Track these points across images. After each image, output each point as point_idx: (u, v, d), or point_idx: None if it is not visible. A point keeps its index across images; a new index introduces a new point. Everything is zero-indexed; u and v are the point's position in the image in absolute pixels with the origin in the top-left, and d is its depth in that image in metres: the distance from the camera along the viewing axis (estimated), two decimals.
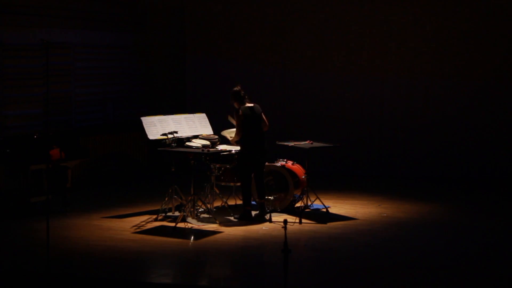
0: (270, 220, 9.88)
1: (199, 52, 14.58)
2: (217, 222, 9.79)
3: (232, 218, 10.10)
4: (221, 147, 10.30)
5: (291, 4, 14.05)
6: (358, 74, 13.75)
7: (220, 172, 10.28)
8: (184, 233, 9.40)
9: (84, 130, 11.99)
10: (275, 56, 14.19)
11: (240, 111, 9.96)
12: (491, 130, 13.12)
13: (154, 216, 10.15)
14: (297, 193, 10.45)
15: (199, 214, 10.06)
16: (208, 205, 10.15)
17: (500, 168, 13.03)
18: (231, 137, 10.38)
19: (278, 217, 10.00)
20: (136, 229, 9.58)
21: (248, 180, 10.07)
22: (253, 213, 10.10)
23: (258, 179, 10.13)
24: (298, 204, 10.50)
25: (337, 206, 10.88)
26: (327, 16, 13.86)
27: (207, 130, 10.63)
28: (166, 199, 10.19)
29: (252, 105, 10.07)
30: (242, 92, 10.04)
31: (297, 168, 10.54)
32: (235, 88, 10.06)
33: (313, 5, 13.92)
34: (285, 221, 6.71)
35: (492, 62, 13.07)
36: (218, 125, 10.78)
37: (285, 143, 10.63)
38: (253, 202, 10.28)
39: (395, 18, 13.48)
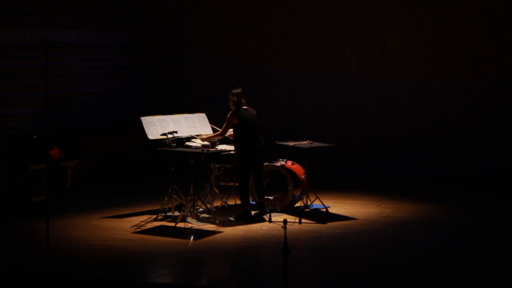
0: (270, 220, 9.88)
1: (199, 52, 14.58)
2: (217, 222, 9.79)
3: (231, 218, 10.11)
4: (221, 147, 10.30)
5: (292, 5, 14.04)
6: (358, 74, 13.74)
7: (220, 172, 10.28)
8: (184, 233, 9.40)
9: (84, 130, 11.99)
10: (275, 56, 14.19)
11: (237, 115, 9.94)
12: (491, 130, 13.11)
13: (154, 216, 10.15)
14: (297, 193, 10.45)
15: (199, 214, 10.06)
16: (208, 205, 10.15)
17: (500, 168, 13.02)
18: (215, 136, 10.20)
19: (278, 217, 9.99)
20: (136, 229, 9.58)
21: (246, 181, 10.06)
22: (253, 212, 10.11)
23: (256, 179, 10.13)
24: (298, 204, 10.50)
25: (337, 206, 10.87)
26: (327, 17, 13.85)
27: (207, 130, 10.62)
28: (166, 199, 10.18)
29: (246, 107, 10.07)
30: (243, 100, 10.03)
31: (297, 168, 10.54)
32: (238, 91, 10.03)
33: (313, 6, 13.91)
34: (285, 221, 6.72)
35: (492, 62, 13.06)
36: (218, 125, 10.78)
37: (285, 143, 10.62)
38: (253, 202, 10.28)
39: (395, 18, 13.48)
